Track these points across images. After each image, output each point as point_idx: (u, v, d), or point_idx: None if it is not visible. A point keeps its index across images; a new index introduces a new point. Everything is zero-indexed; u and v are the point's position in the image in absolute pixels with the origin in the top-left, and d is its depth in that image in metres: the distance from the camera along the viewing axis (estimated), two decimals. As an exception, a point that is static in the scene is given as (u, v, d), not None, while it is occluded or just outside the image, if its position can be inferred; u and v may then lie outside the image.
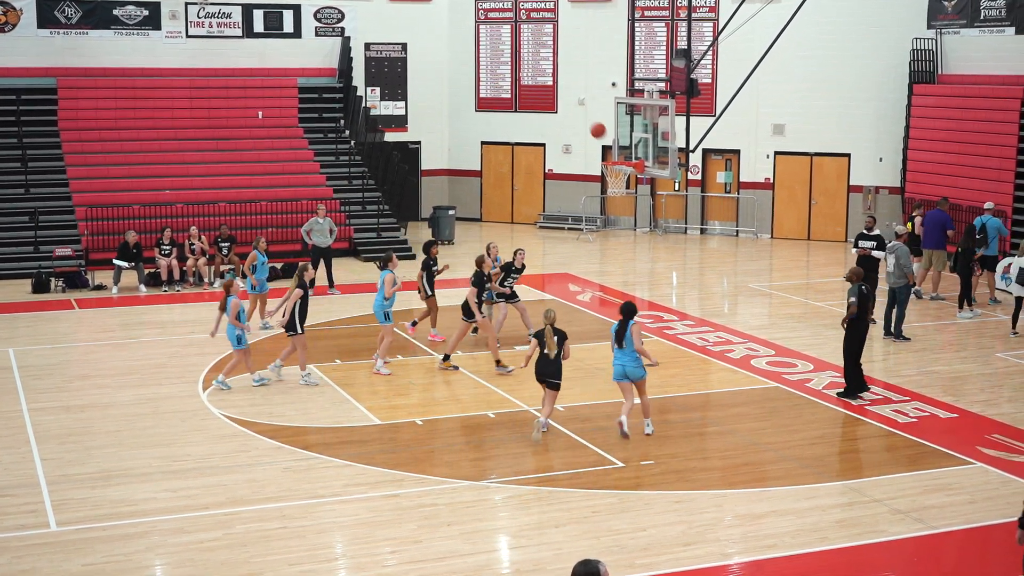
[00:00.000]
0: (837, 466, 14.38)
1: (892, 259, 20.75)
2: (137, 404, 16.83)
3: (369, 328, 21.58)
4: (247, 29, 33.50)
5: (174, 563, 11.61)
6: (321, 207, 25.88)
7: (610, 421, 16.32)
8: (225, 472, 14.06)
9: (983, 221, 23.83)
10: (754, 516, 12.77)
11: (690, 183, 33.65)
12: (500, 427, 15.84)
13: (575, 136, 34.67)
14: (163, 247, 25.73)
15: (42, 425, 15.81)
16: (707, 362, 19.45)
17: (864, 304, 17.22)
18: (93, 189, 28.92)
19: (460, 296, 25.05)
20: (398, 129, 35.27)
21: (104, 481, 13.71)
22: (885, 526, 12.53)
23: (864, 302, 17.20)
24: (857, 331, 17.21)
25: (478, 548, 11.96)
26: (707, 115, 27.97)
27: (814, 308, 23.78)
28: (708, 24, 32.80)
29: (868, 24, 31.45)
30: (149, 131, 31.39)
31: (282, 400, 17.02)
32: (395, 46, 35.33)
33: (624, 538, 12.11)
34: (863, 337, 17.35)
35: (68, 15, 31.77)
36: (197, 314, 23.03)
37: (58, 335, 21.19)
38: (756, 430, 15.80)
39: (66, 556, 11.63)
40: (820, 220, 32.63)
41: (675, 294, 26.25)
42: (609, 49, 34.07)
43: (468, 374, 18.49)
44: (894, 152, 31.55)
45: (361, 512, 12.85)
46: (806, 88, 32.08)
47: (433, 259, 20.78)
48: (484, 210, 36.20)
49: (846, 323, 17.27)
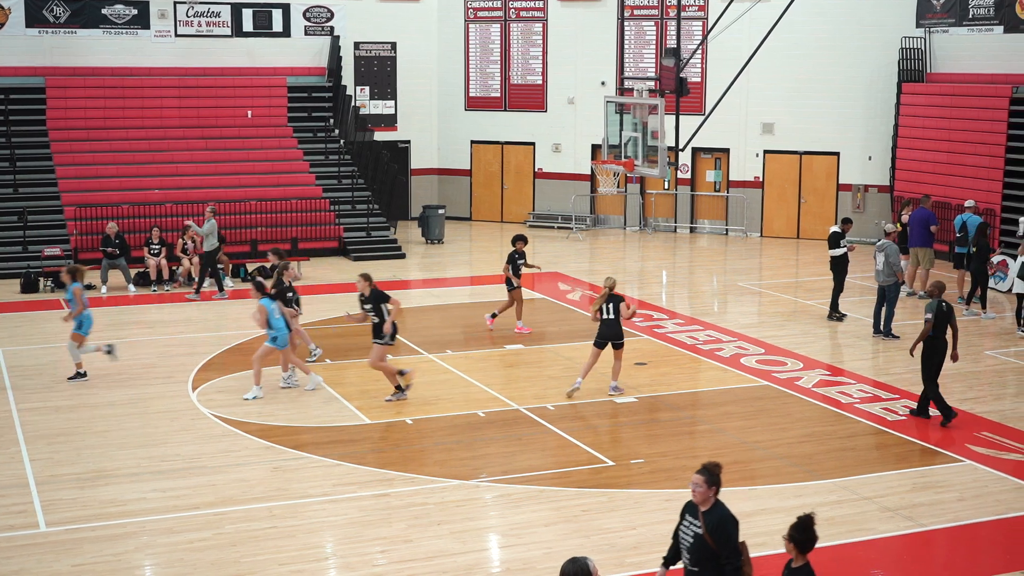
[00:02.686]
0: (826, 464, 14.40)
1: (881, 257, 20.80)
2: (126, 404, 16.80)
3: (358, 328, 21.56)
4: (236, 28, 33.45)
5: (164, 563, 11.59)
6: (211, 207, 25.50)
7: (600, 420, 16.35)
8: (215, 472, 14.04)
9: (964, 219, 23.95)
10: (743, 514, 12.68)
11: (679, 182, 33.68)
12: (490, 426, 15.85)
13: (565, 135, 34.69)
14: (152, 246, 25.69)
15: (31, 425, 15.77)
16: (697, 361, 19.47)
17: (944, 322, 15.64)
18: (82, 188, 28.86)
19: (452, 296, 25.10)
20: (388, 128, 35.24)
21: (93, 481, 13.69)
22: (875, 524, 12.56)
23: (944, 320, 15.65)
24: (936, 350, 15.70)
25: (468, 547, 11.96)
26: (696, 114, 28.03)
27: (803, 307, 23.82)
28: (697, 23, 32.83)
29: (857, 23, 31.51)
30: (138, 130, 31.33)
31: (271, 400, 17.00)
32: (384, 45, 35.30)
33: (614, 537, 12.12)
34: (943, 356, 15.80)
35: (56, 14, 31.69)
36: (186, 314, 23.00)
37: (47, 335, 21.12)
38: (745, 428, 15.82)
39: (55, 556, 11.61)
40: (809, 219, 32.68)
41: (665, 293, 26.27)
42: (598, 48, 34.09)
43: (459, 373, 18.49)
44: (883, 151, 31.62)
45: (351, 511, 12.84)
46: (795, 87, 32.12)
47: (519, 253, 21.11)
48: (474, 209, 36.20)
49: (919, 345, 15.76)
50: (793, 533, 8.31)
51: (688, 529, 8.81)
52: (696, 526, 8.71)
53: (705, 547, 8.63)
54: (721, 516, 8.65)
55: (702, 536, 8.64)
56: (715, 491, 8.68)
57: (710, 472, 8.69)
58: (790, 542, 8.32)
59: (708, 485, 8.66)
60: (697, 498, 8.72)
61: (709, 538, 8.60)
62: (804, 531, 8.29)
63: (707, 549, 8.62)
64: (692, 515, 8.80)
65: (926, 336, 15.60)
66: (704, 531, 8.62)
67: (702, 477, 8.67)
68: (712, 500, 8.68)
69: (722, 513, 8.67)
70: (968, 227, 23.72)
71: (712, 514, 8.66)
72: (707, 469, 8.71)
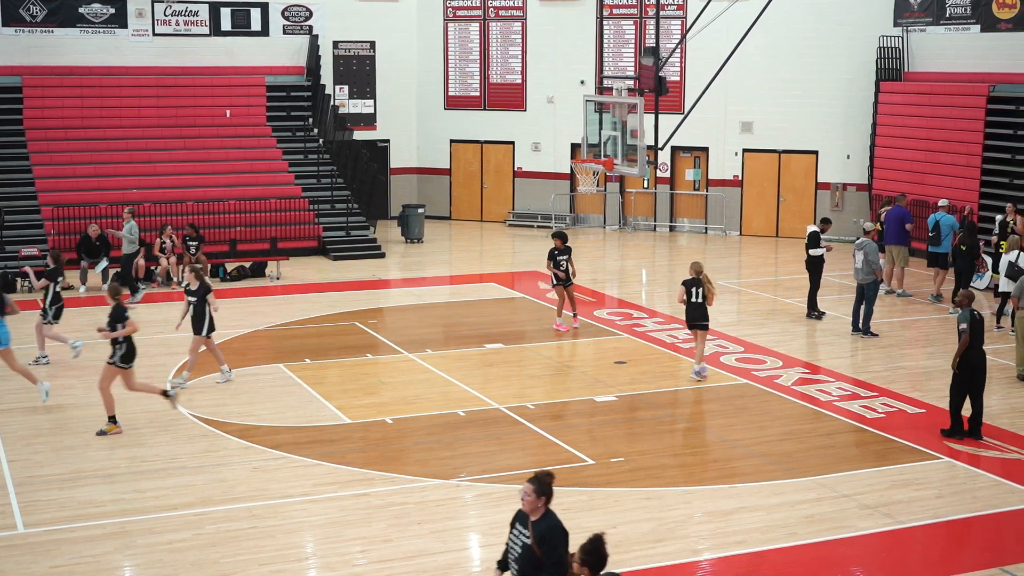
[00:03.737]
0: (805, 462, 14.45)
1: (860, 255, 20.87)
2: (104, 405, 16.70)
3: (338, 327, 21.57)
4: (214, 27, 33.34)
5: (143, 564, 11.55)
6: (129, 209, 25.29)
7: (580, 418, 16.36)
8: (194, 472, 13.99)
9: (937, 219, 24.08)
10: (723, 513, 12.83)
11: (659, 181, 33.72)
12: (470, 425, 15.84)
13: (544, 134, 34.70)
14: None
15: (9, 426, 15.69)
16: (677, 359, 19.50)
17: (977, 331, 15.04)
18: (59, 188, 28.71)
19: (432, 296, 25.07)
20: (367, 127, 35.19)
21: (72, 482, 13.63)
22: (853, 521, 12.61)
23: (977, 329, 15.06)
24: (971, 362, 15.04)
25: (448, 547, 11.96)
26: (676, 113, 28.13)
27: (782, 305, 23.89)
28: (676, 22, 32.88)
29: (835, 22, 31.62)
30: (116, 130, 31.18)
31: (251, 400, 16.96)
32: (363, 44, 35.25)
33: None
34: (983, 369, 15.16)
35: (33, 13, 31.53)
36: (165, 313, 22.89)
37: (25, 335, 20.98)
38: (725, 427, 15.86)
39: (34, 558, 11.55)
40: (788, 217, 32.77)
41: (644, 291, 26.31)
42: (578, 47, 34.11)
43: (438, 373, 18.48)
44: (861, 149, 31.74)
45: (331, 511, 12.82)
46: (774, 86, 32.21)
47: (559, 249, 21.10)
48: (453, 208, 36.18)
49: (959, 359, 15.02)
50: (584, 557, 8.07)
51: (517, 539, 8.63)
52: (525, 536, 8.56)
53: (532, 557, 8.47)
54: (549, 527, 8.48)
55: (530, 546, 8.48)
56: (545, 501, 8.51)
57: (540, 482, 8.53)
58: (583, 566, 8.07)
59: (537, 495, 8.49)
60: (526, 507, 8.56)
61: (536, 548, 8.42)
62: (594, 553, 8.07)
63: (534, 559, 8.46)
64: (522, 524, 8.63)
65: (965, 348, 14.95)
66: (532, 541, 8.47)
67: (532, 486, 8.51)
68: (542, 510, 8.52)
69: (551, 523, 8.50)
70: (941, 226, 23.86)
71: (540, 524, 8.50)
72: (538, 478, 8.55)
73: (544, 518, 8.54)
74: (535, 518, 8.54)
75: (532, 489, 8.53)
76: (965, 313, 15.06)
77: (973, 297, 15.61)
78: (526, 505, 8.58)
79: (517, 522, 8.72)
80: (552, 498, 8.58)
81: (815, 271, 22.32)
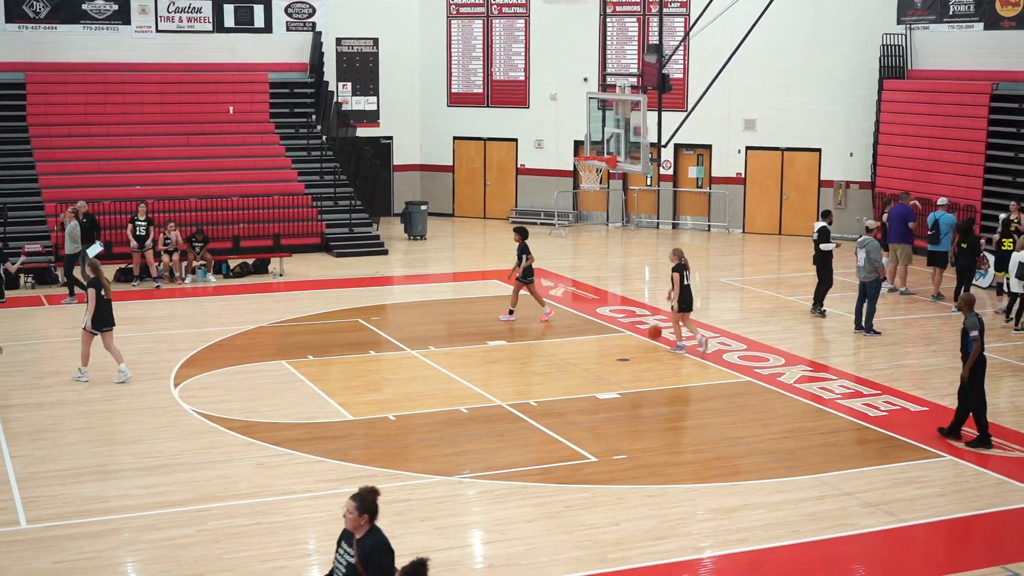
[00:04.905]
0: (808, 460, 14.45)
1: (863, 253, 20.86)
2: (108, 400, 16.74)
3: (341, 324, 21.57)
4: (218, 24, 33.34)
5: (146, 560, 11.56)
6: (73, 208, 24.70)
7: (583, 416, 16.36)
8: (197, 468, 14.01)
9: (936, 217, 24.07)
10: (726, 510, 12.83)
11: (662, 178, 33.71)
12: (473, 422, 15.85)
13: (547, 131, 34.69)
14: (138, 223, 25.28)
15: (12, 422, 15.70)
16: (679, 357, 19.50)
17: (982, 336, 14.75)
18: (63, 185, 28.72)
19: (435, 292, 25.08)
20: (370, 124, 35.19)
21: (75, 478, 13.64)
22: (856, 519, 12.61)
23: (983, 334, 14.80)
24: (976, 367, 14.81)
25: (451, 543, 11.97)
26: (679, 110, 28.08)
27: (785, 302, 23.87)
28: (679, 19, 32.87)
29: (839, 19, 31.60)
30: (119, 126, 31.19)
31: (254, 396, 16.98)
32: (366, 41, 35.25)
33: (597, 532, 12.14)
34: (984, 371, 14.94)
35: (36, 10, 31.53)
36: (169, 310, 22.94)
37: (28, 332, 21.04)
38: (728, 424, 15.86)
39: (36, 554, 11.57)
40: (791, 215, 32.76)
41: (647, 289, 26.30)
42: (581, 44, 34.10)
43: (441, 369, 18.49)
44: (864, 147, 31.72)
45: (334, 508, 12.79)
46: (777, 83, 32.19)
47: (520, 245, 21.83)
48: (456, 205, 36.18)
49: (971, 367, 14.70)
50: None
51: (342, 558, 8.44)
52: (350, 555, 8.37)
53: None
54: (374, 544, 8.28)
55: (354, 565, 8.31)
56: (367, 519, 8.34)
57: (363, 499, 8.34)
58: None
59: (360, 512, 8.32)
60: (348, 525, 8.39)
61: (360, 568, 8.23)
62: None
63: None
64: (347, 543, 8.45)
65: (979, 354, 14.63)
66: (356, 560, 8.29)
67: (353, 503, 8.32)
68: (366, 527, 8.35)
69: (375, 541, 8.30)
70: (940, 225, 23.85)
71: (365, 542, 8.32)
72: (360, 495, 8.36)
73: (369, 535, 8.35)
74: (359, 536, 8.35)
75: (354, 506, 8.32)
76: (974, 318, 14.71)
77: (975, 300, 15.33)
78: (348, 523, 8.37)
79: (343, 540, 8.51)
80: (376, 515, 8.39)
81: (825, 267, 22.26)
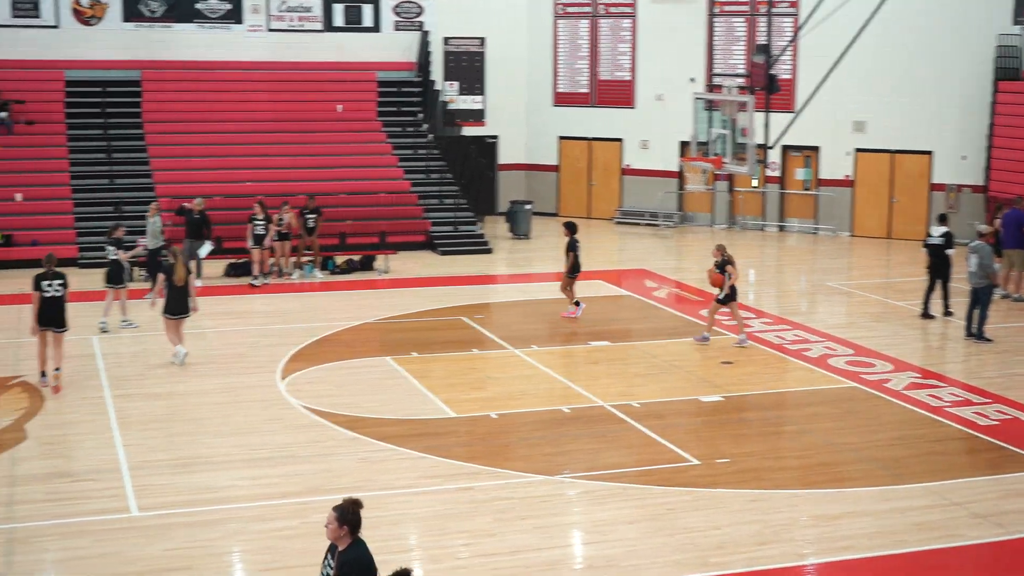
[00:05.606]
0: (916, 468, 14.20)
1: (975, 259, 20.43)
2: (217, 393, 17.09)
3: (445, 322, 21.73)
4: (327, 23, 33.81)
5: (253, 550, 11.78)
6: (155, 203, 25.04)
7: (685, 418, 16.28)
8: (303, 461, 14.23)
9: None
10: (830, 517, 12.67)
11: (769, 180, 33.38)
12: (575, 422, 15.86)
13: (652, 132, 34.54)
14: (256, 222, 25.32)
15: (125, 412, 16.10)
16: (784, 360, 19.30)
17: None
18: (176, 180, 29.35)
19: (538, 292, 25.13)
20: (476, 123, 35.38)
21: (185, 468, 13.94)
22: (964, 530, 12.36)
23: None
24: None
25: (551, 543, 11.99)
26: (786, 111, 27.76)
27: (894, 308, 23.49)
28: (788, 19, 32.48)
29: (951, 20, 30.97)
30: (230, 123, 31.80)
31: (359, 391, 17.18)
32: (473, 40, 35.44)
33: (698, 536, 12.07)
34: None
35: (152, 8, 32.29)
36: (277, 305, 23.29)
37: (142, 323, 21.48)
38: (833, 430, 15.66)
39: (147, 541, 11.85)
40: (901, 218, 32.19)
41: (752, 291, 26.06)
42: (687, 45, 33.88)
43: (543, 369, 18.52)
44: (978, 150, 31.04)
45: (435, 504, 12.94)
46: (888, 85, 31.66)
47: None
48: (561, 205, 36.21)
49: None
50: None
51: (325, 570, 8.37)
52: (331, 567, 8.29)
53: None
54: (353, 558, 8.16)
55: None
56: (348, 531, 8.21)
57: (343, 510, 8.22)
58: None
59: (339, 523, 8.20)
60: (329, 536, 8.29)
61: None
62: None
63: None
64: (332, 555, 8.35)
65: None
66: (335, 572, 8.20)
67: (334, 514, 8.22)
68: (347, 539, 8.22)
69: (355, 555, 8.18)
70: None
71: (345, 555, 8.21)
72: (340, 506, 8.25)
73: (351, 549, 8.25)
74: (341, 548, 8.25)
75: (334, 517, 8.24)
76: None
77: None
78: (329, 533, 8.31)
79: (328, 553, 8.46)
80: (359, 528, 8.31)
81: (946, 270, 21.91)
